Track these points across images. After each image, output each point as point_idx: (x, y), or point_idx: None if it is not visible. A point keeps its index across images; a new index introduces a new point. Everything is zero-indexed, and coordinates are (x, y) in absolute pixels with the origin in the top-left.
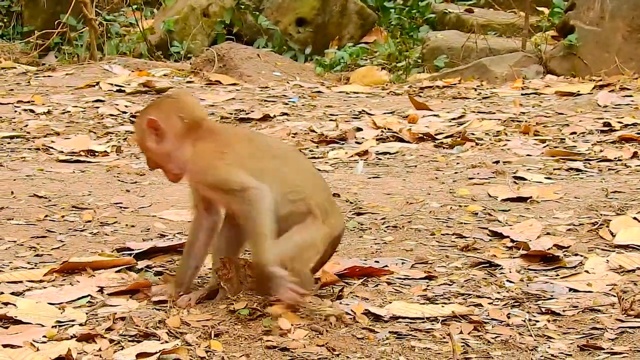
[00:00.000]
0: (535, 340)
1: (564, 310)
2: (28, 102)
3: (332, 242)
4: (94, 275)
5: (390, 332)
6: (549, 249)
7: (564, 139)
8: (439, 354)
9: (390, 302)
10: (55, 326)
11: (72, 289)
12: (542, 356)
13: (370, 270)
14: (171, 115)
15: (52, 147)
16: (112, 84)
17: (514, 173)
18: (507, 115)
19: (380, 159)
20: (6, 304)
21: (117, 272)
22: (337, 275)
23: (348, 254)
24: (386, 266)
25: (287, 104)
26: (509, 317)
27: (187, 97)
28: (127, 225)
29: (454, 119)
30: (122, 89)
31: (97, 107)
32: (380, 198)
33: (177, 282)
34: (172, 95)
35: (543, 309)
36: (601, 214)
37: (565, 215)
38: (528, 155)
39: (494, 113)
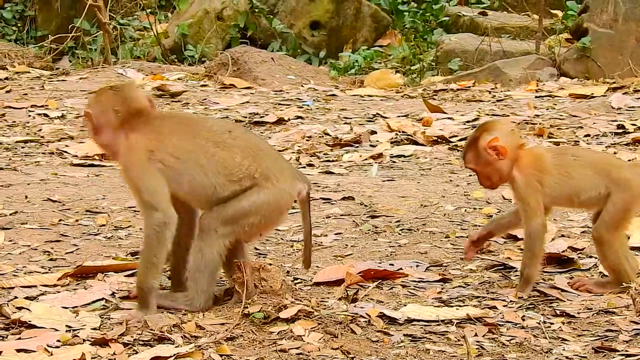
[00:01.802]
0: (550, 342)
1: (578, 313)
2: (42, 106)
3: (286, 203)
4: (106, 280)
5: (405, 335)
6: (563, 251)
7: (578, 141)
8: (453, 356)
9: (405, 305)
10: (69, 330)
11: (86, 293)
12: (557, 358)
13: (385, 273)
14: (107, 108)
15: (66, 151)
16: None
17: None
18: (521, 118)
19: (394, 162)
20: (20, 308)
21: (130, 275)
22: None
23: (363, 256)
24: (401, 269)
25: (301, 107)
26: (523, 320)
27: (127, 88)
28: (141, 228)
29: (468, 121)
30: None
31: None
32: (394, 201)
33: (174, 277)
34: (114, 87)
35: (558, 311)
36: None
37: (580, 218)
38: None
39: (508, 115)
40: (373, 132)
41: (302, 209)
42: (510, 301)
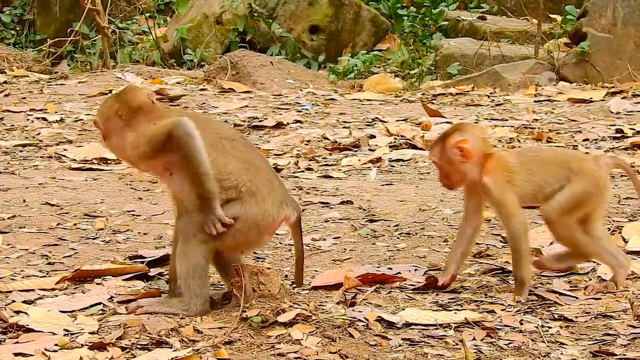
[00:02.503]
0: (548, 346)
1: (576, 317)
2: (41, 110)
3: (266, 225)
4: (104, 284)
5: (403, 339)
6: None
7: (577, 146)
8: None
9: (403, 309)
10: (67, 334)
11: (83, 297)
12: None
13: (383, 277)
14: (111, 113)
15: (64, 155)
16: None
17: None
18: (520, 122)
19: (393, 166)
20: (18, 312)
21: (129, 280)
22: None
23: (361, 260)
24: (399, 273)
25: (300, 111)
26: (521, 324)
27: (126, 89)
28: (139, 233)
29: None
30: None
31: None
32: (393, 205)
33: (171, 279)
34: (117, 93)
35: (556, 315)
36: (613, 220)
37: None
38: None
39: (507, 120)
40: (372, 137)
41: (292, 233)
42: (509, 305)
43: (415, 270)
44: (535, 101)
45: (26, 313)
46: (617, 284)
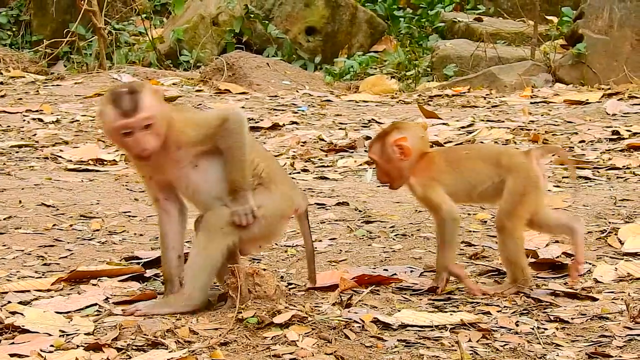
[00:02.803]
0: (543, 348)
1: (572, 318)
2: (37, 111)
3: (287, 208)
4: (100, 285)
5: (398, 340)
6: (557, 257)
7: (573, 147)
8: None
9: (399, 311)
10: (63, 335)
11: (79, 298)
12: None
13: (379, 279)
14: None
15: (60, 156)
16: None
17: None
18: (516, 124)
19: None
20: (14, 313)
21: (124, 281)
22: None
23: (357, 262)
24: (395, 274)
25: (296, 112)
26: (517, 325)
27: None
28: (135, 234)
29: (463, 127)
30: None
31: None
32: (389, 206)
33: (166, 279)
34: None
35: (551, 317)
36: (609, 222)
37: None
38: None
39: (503, 121)
40: (368, 138)
41: (301, 226)
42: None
43: (412, 271)
44: (531, 103)
45: (22, 314)
46: (577, 245)
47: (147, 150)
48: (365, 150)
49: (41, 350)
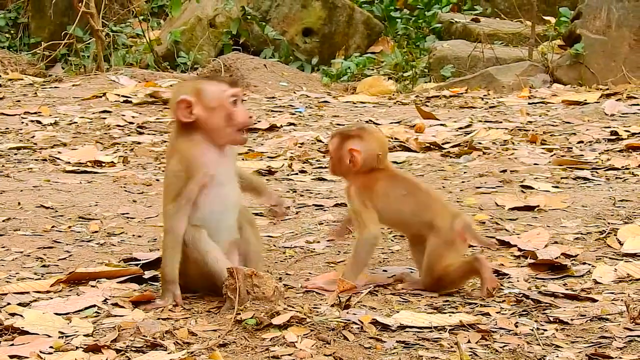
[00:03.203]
0: (543, 349)
1: (572, 319)
2: (35, 113)
3: None
4: (98, 286)
5: (397, 341)
6: (556, 257)
7: (571, 148)
8: None
9: (398, 312)
10: (62, 337)
11: (78, 299)
12: None
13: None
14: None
15: (58, 158)
16: (118, 95)
17: (521, 182)
18: (514, 124)
19: None
20: (13, 314)
21: (123, 282)
22: None
23: None
24: (394, 275)
25: (293, 114)
26: (516, 326)
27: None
28: (134, 235)
29: (461, 128)
30: (129, 99)
31: (104, 118)
32: None
33: (171, 280)
34: None
35: (551, 318)
36: (609, 223)
37: (573, 224)
38: (535, 164)
39: (501, 122)
40: None
41: None
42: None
43: (410, 272)
44: (529, 103)
45: (21, 315)
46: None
47: (253, 116)
48: None
49: (40, 352)
